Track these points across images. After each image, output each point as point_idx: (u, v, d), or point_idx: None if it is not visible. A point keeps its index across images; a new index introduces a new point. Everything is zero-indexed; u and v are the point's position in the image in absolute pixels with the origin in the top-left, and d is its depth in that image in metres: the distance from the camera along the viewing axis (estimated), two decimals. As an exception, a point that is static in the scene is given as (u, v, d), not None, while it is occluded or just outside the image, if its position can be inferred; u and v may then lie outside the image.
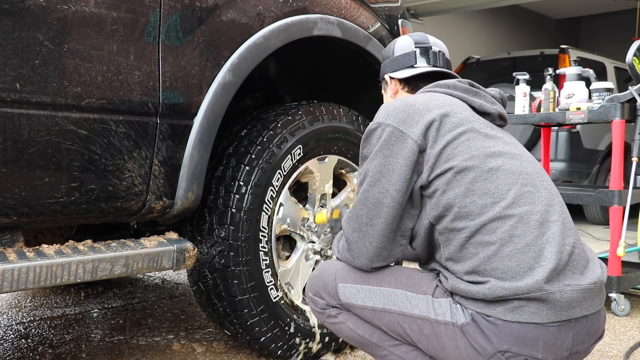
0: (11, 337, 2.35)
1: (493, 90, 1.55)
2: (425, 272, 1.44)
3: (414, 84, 1.60)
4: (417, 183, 1.36)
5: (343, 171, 2.22)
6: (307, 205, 2.09)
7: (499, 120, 1.50)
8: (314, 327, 2.03)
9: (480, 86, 1.54)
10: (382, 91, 1.71)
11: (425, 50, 1.60)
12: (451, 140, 1.34)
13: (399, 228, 1.38)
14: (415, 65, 1.59)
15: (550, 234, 1.28)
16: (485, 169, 1.32)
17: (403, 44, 1.64)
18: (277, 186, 1.92)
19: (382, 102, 1.72)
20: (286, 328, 1.95)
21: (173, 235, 1.74)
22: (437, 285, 1.37)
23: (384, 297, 1.39)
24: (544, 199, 1.32)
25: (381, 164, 1.36)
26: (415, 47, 1.61)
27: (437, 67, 1.59)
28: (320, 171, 2.08)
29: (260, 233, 1.89)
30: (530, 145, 5.49)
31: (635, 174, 2.77)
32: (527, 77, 3.51)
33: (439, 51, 1.61)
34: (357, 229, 1.38)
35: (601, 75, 5.82)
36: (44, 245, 1.53)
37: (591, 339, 1.31)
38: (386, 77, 1.65)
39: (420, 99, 1.42)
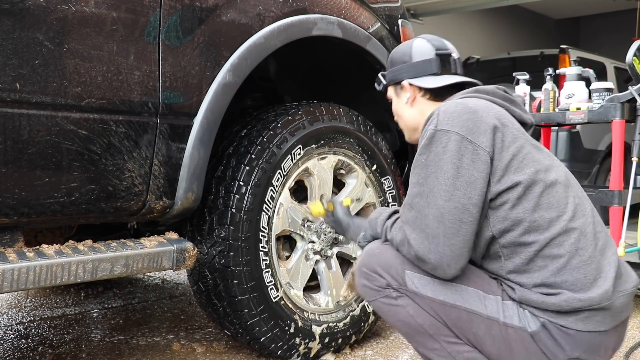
0: (11, 337, 2.35)
1: (518, 97, 1.53)
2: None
3: (436, 91, 1.55)
4: (486, 196, 1.32)
5: (343, 171, 2.22)
6: (307, 205, 2.09)
7: (530, 130, 1.48)
8: (313, 327, 2.03)
9: (512, 93, 1.51)
10: (391, 95, 1.66)
11: (447, 58, 1.56)
12: (516, 152, 1.33)
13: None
14: (437, 74, 1.54)
15: (601, 244, 1.33)
16: (548, 183, 1.33)
17: (422, 49, 1.57)
18: (277, 186, 1.92)
19: (382, 102, 1.71)
20: (286, 328, 1.95)
21: (173, 235, 1.74)
22: (503, 290, 1.37)
23: (456, 292, 1.36)
24: (590, 211, 1.37)
25: (454, 176, 1.29)
26: (436, 54, 1.55)
27: (457, 74, 1.56)
28: (320, 171, 2.08)
29: (260, 233, 1.89)
30: (531, 145, 5.48)
31: (635, 174, 2.77)
32: (527, 77, 3.51)
33: (458, 58, 1.58)
34: (433, 250, 1.31)
35: (601, 75, 5.82)
36: (44, 245, 1.53)
37: (623, 337, 1.40)
38: (405, 83, 1.59)
39: (480, 105, 1.38)
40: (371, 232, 1.56)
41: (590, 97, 3.11)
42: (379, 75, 1.70)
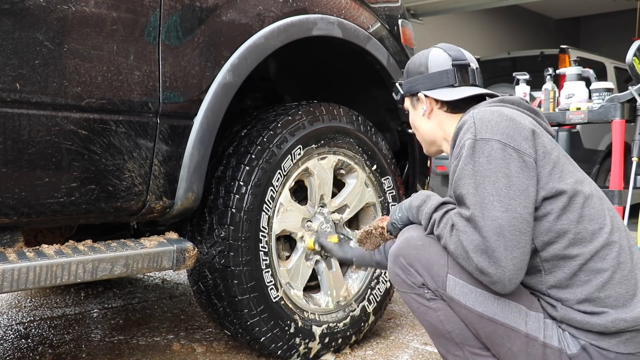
0: (11, 337, 2.35)
1: (540, 109, 1.53)
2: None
3: (453, 104, 1.52)
4: None
5: (343, 171, 2.22)
6: (307, 206, 2.09)
7: None
8: (313, 327, 2.03)
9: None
10: (408, 107, 1.63)
11: (465, 68, 1.52)
12: (556, 160, 1.31)
13: None
14: (455, 85, 1.51)
15: (636, 258, 1.32)
16: (587, 194, 1.31)
17: (439, 60, 1.54)
18: (277, 186, 1.92)
19: (383, 101, 1.71)
20: (286, 328, 1.95)
21: (173, 235, 1.74)
22: (543, 307, 1.33)
23: (498, 306, 1.30)
24: (622, 224, 1.36)
25: (506, 186, 1.24)
26: (453, 65, 1.52)
27: (476, 85, 1.52)
28: (320, 171, 2.08)
29: (260, 233, 1.89)
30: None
31: (635, 174, 2.78)
32: (527, 77, 3.52)
33: (477, 68, 1.54)
34: (494, 265, 1.23)
35: (601, 75, 5.83)
36: (44, 245, 1.53)
37: None
38: (421, 95, 1.55)
39: (514, 112, 1.36)
40: (409, 216, 1.49)
41: (590, 97, 3.12)
42: (396, 84, 1.66)
